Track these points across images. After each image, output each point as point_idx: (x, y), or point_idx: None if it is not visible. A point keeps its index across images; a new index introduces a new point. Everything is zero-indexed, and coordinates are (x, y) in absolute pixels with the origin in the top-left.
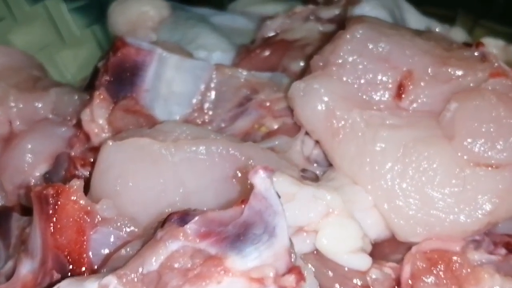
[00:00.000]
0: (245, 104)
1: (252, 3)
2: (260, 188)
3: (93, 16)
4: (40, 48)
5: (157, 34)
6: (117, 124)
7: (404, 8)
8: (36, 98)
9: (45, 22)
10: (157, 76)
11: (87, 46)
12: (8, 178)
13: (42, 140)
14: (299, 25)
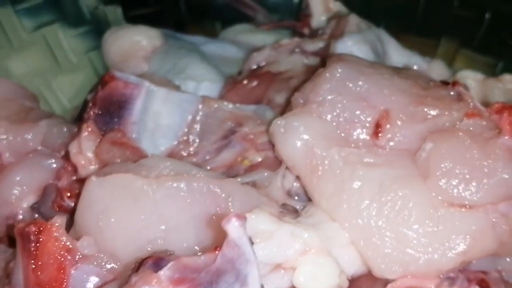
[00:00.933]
0: (230, 137)
1: (243, 32)
2: (233, 236)
3: (91, 43)
4: (37, 74)
5: (148, 64)
6: (104, 156)
7: (386, 42)
8: (26, 130)
9: (42, 49)
10: (144, 109)
11: (84, 72)
12: None
13: (30, 172)
14: (284, 57)
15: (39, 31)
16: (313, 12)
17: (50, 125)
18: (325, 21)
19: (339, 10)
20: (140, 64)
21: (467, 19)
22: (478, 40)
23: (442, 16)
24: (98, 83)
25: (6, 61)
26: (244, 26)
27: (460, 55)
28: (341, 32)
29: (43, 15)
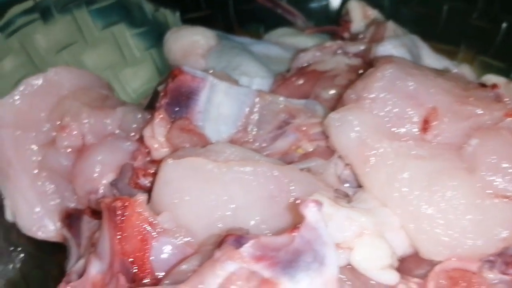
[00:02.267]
0: (284, 127)
1: (285, 34)
2: (311, 219)
3: (152, 40)
4: (106, 67)
5: (205, 61)
6: (174, 141)
7: (420, 47)
8: (105, 115)
9: (111, 45)
10: (208, 100)
11: (145, 66)
12: (80, 185)
13: (110, 153)
14: (328, 57)
15: (109, 29)
16: (353, 18)
17: (126, 111)
18: (363, 27)
19: (376, 17)
20: (199, 61)
21: (485, 29)
22: (494, 48)
23: (462, 25)
24: (168, 76)
25: (81, 55)
26: (286, 29)
27: (477, 61)
28: (380, 37)
29: (112, 15)
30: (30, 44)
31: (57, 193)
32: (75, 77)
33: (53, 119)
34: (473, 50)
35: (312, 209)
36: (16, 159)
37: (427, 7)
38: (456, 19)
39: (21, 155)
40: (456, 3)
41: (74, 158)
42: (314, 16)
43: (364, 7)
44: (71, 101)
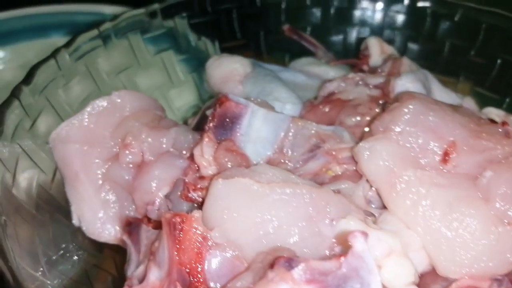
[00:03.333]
0: (315, 151)
1: (308, 64)
2: (358, 249)
3: (193, 66)
4: (156, 88)
5: (243, 86)
6: (220, 160)
7: (431, 81)
8: (161, 135)
9: (160, 68)
10: (249, 124)
11: (188, 87)
12: (139, 196)
13: (165, 169)
14: (351, 88)
15: (159, 55)
16: (372, 53)
17: (179, 132)
18: (381, 61)
19: (392, 52)
20: (237, 86)
21: (482, 64)
22: (489, 81)
23: (462, 60)
24: (215, 102)
25: (135, 77)
26: (309, 59)
27: (473, 93)
28: (397, 71)
29: (162, 43)
30: (93, 67)
31: (118, 202)
32: (135, 99)
33: (116, 136)
34: (471, 82)
35: (359, 239)
36: (83, 171)
37: (432, 43)
38: (457, 54)
39: (88, 168)
40: (457, 40)
41: (134, 173)
42: (332, 48)
43: (382, 43)
44: (132, 122)
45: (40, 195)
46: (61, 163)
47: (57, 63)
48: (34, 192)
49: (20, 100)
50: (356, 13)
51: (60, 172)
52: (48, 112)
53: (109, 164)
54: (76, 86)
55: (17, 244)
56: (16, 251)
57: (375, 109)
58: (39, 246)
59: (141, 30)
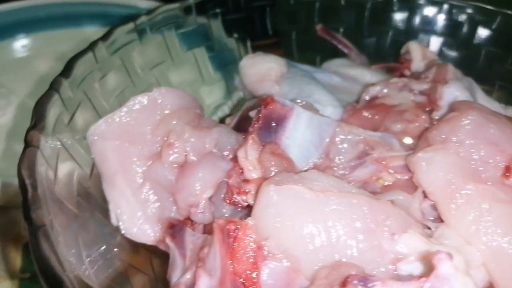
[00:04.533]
0: (363, 158)
1: (342, 65)
2: (443, 271)
3: (224, 63)
4: (188, 85)
5: (279, 87)
6: (265, 163)
7: (475, 89)
8: (204, 135)
9: (192, 65)
10: (294, 127)
11: (218, 85)
12: (182, 198)
13: (209, 170)
14: (395, 93)
15: (191, 51)
16: (414, 58)
17: (221, 132)
18: (423, 66)
19: (434, 58)
20: (273, 86)
21: None
22: None
23: (497, 69)
24: (259, 103)
25: (168, 73)
26: (342, 60)
27: (509, 102)
28: (443, 78)
29: (195, 39)
30: (128, 61)
31: (158, 203)
32: (176, 97)
33: (157, 134)
34: (507, 92)
35: (446, 261)
36: (122, 169)
37: (468, 50)
38: (493, 62)
39: (127, 166)
40: (494, 48)
41: (178, 173)
42: (365, 51)
43: (423, 48)
44: (175, 120)
45: (79, 193)
46: (99, 159)
47: (94, 55)
48: (74, 189)
49: (60, 93)
50: (391, 16)
51: (98, 169)
52: (85, 106)
53: (150, 163)
54: (110, 80)
55: (63, 243)
56: (62, 250)
57: (421, 116)
58: (81, 245)
59: (175, 25)
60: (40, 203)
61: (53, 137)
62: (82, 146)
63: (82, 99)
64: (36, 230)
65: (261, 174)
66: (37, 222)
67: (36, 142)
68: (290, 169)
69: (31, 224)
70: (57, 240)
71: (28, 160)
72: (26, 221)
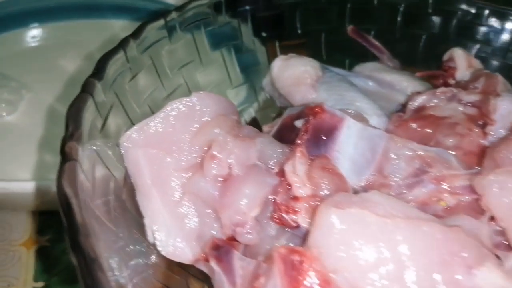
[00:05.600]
0: (420, 175)
1: (376, 70)
2: None
3: (251, 63)
4: (215, 86)
5: (316, 91)
6: (316, 180)
7: None
8: (248, 145)
9: (219, 65)
10: (345, 140)
11: (245, 87)
12: (228, 216)
13: (256, 186)
14: (443, 103)
15: (219, 51)
16: (458, 66)
17: (264, 143)
18: (468, 75)
19: (480, 67)
20: (309, 91)
21: None
22: None
23: None
24: (307, 111)
25: (196, 73)
26: (376, 64)
27: None
28: (494, 90)
29: (223, 38)
30: (158, 61)
31: (198, 219)
32: (215, 102)
33: (196, 144)
34: None
35: None
36: (158, 181)
37: (506, 59)
38: None
39: (164, 177)
40: None
41: (221, 188)
42: (396, 54)
43: (468, 56)
44: (216, 129)
45: (115, 207)
46: (133, 170)
47: (125, 54)
48: (111, 204)
49: (94, 97)
50: (426, 19)
51: (131, 180)
52: (116, 110)
53: (190, 175)
54: (141, 81)
55: (103, 259)
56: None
57: (474, 130)
58: (115, 260)
59: (204, 23)
60: (89, 229)
61: (89, 146)
62: (115, 154)
63: (114, 102)
64: (91, 262)
65: (311, 191)
66: (91, 253)
67: (75, 154)
68: (343, 187)
69: (82, 255)
70: (107, 268)
71: (69, 176)
72: (73, 251)
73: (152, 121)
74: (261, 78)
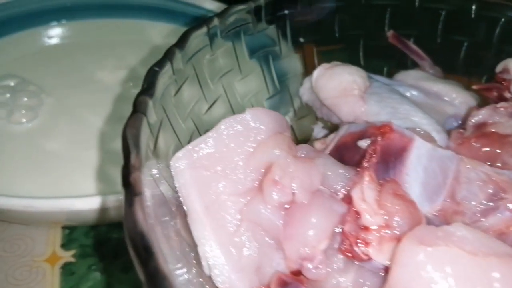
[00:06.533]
0: (494, 202)
1: (420, 78)
2: None
3: (287, 71)
4: (252, 95)
5: (365, 104)
6: (388, 208)
7: None
8: (310, 168)
9: (257, 73)
10: (415, 162)
11: (280, 96)
12: (294, 248)
13: (323, 215)
14: (506, 119)
15: (257, 58)
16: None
17: (326, 164)
18: None
19: None
20: (358, 102)
21: None
22: None
23: None
24: (373, 131)
25: (234, 82)
26: (419, 72)
27: None
28: None
29: (261, 45)
30: (200, 70)
31: (258, 249)
32: (270, 119)
33: (253, 165)
34: None
35: None
36: (213, 206)
37: None
38: None
39: (219, 203)
40: None
41: (285, 216)
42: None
43: None
44: (276, 149)
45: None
46: (184, 194)
47: (172, 66)
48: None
49: (147, 117)
50: (469, 24)
51: (183, 204)
52: (163, 127)
53: (248, 201)
54: (185, 92)
55: None
56: None
57: None
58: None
59: (243, 29)
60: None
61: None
62: (166, 175)
63: (163, 119)
64: None
65: (383, 220)
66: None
67: (140, 185)
68: (416, 216)
69: None
70: None
71: (139, 210)
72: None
73: (204, 141)
74: (295, 86)
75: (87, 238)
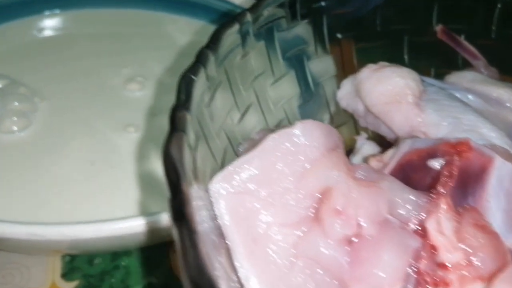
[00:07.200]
0: None
1: (476, 81)
2: None
3: (324, 73)
4: (286, 101)
5: (422, 112)
6: (470, 242)
7: None
8: (375, 194)
9: (290, 76)
10: (496, 186)
11: (316, 101)
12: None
13: (395, 252)
14: None
15: (290, 60)
16: None
17: (393, 189)
18: None
19: None
20: (414, 110)
21: None
22: None
23: None
24: (447, 149)
25: (266, 86)
26: (475, 74)
27: None
28: None
29: (294, 46)
30: (232, 74)
31: None
32: (322, 134)
33: (305, 190)
34: None
35: None
36: (261, 239)
37: None
38: None
39: (267, 234)
40: None
41: (351, 253)
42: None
43: None
44: (334, 171)
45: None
46: (226, 223)
47: (206, 72)
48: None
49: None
50: None
51: (225, 236)
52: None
53: (304, 233)
54: (218, 100)
55: None
56: None
57: None
58: None
59: (276, 26)
60: None
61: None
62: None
63: (200, 136)
64: None
65: (464, 256)
66: None
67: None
68: (501, 250)
69: None
70: None
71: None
72: None
73: (247, 161)
74: (330, 89)
75: (90, 266)
